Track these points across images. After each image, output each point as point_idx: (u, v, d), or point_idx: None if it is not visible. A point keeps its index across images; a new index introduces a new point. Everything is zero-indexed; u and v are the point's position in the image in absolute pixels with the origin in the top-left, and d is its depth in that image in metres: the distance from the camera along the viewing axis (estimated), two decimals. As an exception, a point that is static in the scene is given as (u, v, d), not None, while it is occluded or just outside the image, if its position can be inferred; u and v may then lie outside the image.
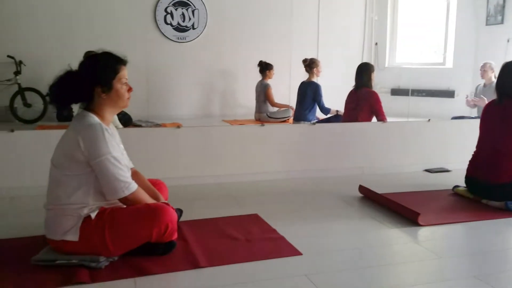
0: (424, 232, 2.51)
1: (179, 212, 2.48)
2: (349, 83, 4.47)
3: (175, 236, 2.10)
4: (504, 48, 6.27)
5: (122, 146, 2.19)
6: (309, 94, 5.31)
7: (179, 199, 2.94)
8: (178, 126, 3.52)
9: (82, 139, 1.93)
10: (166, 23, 6.37)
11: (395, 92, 7.20)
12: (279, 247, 2.24)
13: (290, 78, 6.45)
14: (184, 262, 2.03)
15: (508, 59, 3.17)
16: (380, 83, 7.25)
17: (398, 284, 1.93)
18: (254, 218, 2.66)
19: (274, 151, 3.67)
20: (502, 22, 6.47)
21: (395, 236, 2.45)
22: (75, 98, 2.06)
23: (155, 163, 3.34)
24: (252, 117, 6.15)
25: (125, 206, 2.04)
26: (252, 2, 6.64)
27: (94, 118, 2.00)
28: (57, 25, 5.91)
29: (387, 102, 6.68)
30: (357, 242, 2.37)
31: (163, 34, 6.38)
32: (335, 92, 5.30)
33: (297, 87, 5.48)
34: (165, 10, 6.35)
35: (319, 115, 5.45)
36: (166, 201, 2.24)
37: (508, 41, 6.33)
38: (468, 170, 3.11)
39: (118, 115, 4.16)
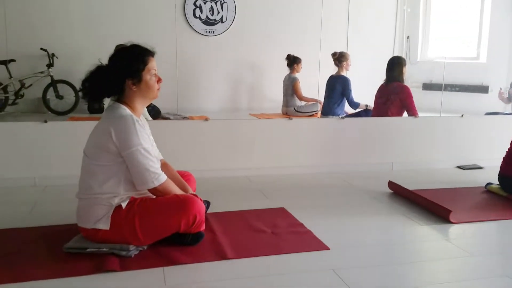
0: (456, 229, 2.45)
1: (207, 203, 2.50)
2: (380, 77, 4.38)
3: (203, 227, 2.12)
4: (542, 41, 6.03)
5: (152, 137, 2.22)
6: (338, 88, 5.24)
7: (207, 191, 2.96)
8: (206, 119, 3.54)
9: (114, 130, 1.96)
10: (195, 17, 6.40)
11: (427, 86, 7.03)
12: (306, 241, 2.22)
13: (318, 72, 6.38)
14: (211, 253, 2.04)
15: None
16: (411, 78, 7.09)
17: (429, 281, 1.89)
18: (281, 212, 2.65)
19: (302, 145, 3.65)
20: (541, 14, 6.22)
21: (426, 233, 2.40)
22: (107, 92, 2.10)
23: (184, 155, 3.37)
24: (280, 111, 6.12)
25: (154, 197, 2.06)
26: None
27: (126, 110, 2.03)
28: (88, 18, 6.03)
29: (419, 97, 6.53)
30: (386, 238, 2.33)
31: (192, 27, 6.41)
32: (365, 86, 5.22)
33: (326, 81, 5.42)
34: (194, 3, 6.37)
35: (348, 109, 5.38)
36: (194, 193, 2.26)
37: (545, 34, 6.08)
38: (501, 167, 3.01)
39: (147, 107, 4.22)
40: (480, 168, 3.77)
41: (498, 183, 3.06)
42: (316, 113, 5.82)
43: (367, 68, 6.16)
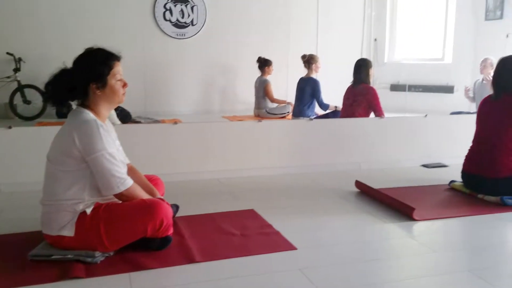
0: (419, 226, 2.52)
1: (175, 207, 2.50)
2: (348, 79, 4.48)
3: (171, 231, 2.12)
4: (503, 43, 6.26)
5: (118, 142, 2.20)
6: (308, 90, 5.32)
7: (176, 194, 2.96)
8: (176, 122, 3.53)
9: (77, 135, 1.94)
10: (165, 20, 6.38)
11: (395, 87, 7.21)
12: (275, 242, 2.25)
13: (287, 74, 6.45)
14: (179, 257, 2.04)
15: (507, 54, 3.16)
16: (379, 79, 7.26)
17: (393, 278, 1.94)
18: (251, 213, 2.67)
19: (272, 146, 3.68)
20: (501, 17, 6.46)
21: (390, 231, 2.46)
22: (70, 95, 2.08)
23: (154, 159, 3.36)
24: (252, 113, 6.16)
25: (120, 202, 2.05)
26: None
27: (89, 115, 2.01)
28: (56, 22, 5.93)
29: (387, 98, 6.69)
30: (352, 237, 2.38)
31: (162, 30, 6.39)
32: (334, 88, 5.32)
33: (296, 83, 5.49)
34: (164, 6, 6.36)
35: (318, 111, 5.46)
36: (161, 197, 2.25)
37: (507, 36, 6.32)
38: (464, 165, 3.11)
39: (115, 111, 4.18)
40: (444, 166, 3.88)
41: (461, 180, 3.17)
42: (288, 115, 5.89)
43: (337, 70, 6.28)
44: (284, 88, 6.47)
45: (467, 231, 2.53)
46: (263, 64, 6.02)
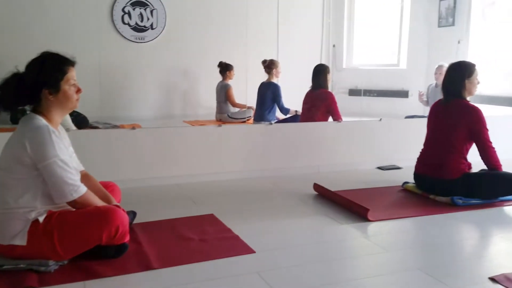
0: (373, 227, 2.60)
1: (132, 214, 2.47)
2: (308, 84, 4.57)
3: (127, 238, 2.09)
4: (455, 49, 6.55)
5: (71, 148, 2.16)
6: (268, 94, 5.38)
7: (135, 201, 2.93)
8: (134, 127, 3.49)
9: (28, 142, 1.89)
10: (124, 23, 6.29)
11: (353, 92, 7.39)
12: (233, 246, 2.27)
13: (246, 79, 6.49)
14: (136, 264, 2.02)
15: (459, 60, 3.32)
16: (338, 84, 7.43)
17: (347, 278, 1.99)
18: (210, 218, 2.68)
19: (233, 151, 3.70)
20: (453, 24, 6.75)
21: (346, 232, 2.53)
22: (22, 100, 2.03)
23: (111, 165, 3.31)
24: (214, 117, 6.16)
25: (74, 210, 2.01)
26: (210, 3, 6.64)
27: (41, 121, 1.97)
28: (10, 24, 5.73)
29: (345, 102, 6.86)
30: (309, 239, 2.44)
31: (121, 34, 6.29)
32: (295, 93, 5.39)
33: (256, 88, 5.54)
34: (123, 10, 6.26)
35: (279, 115, 5.53)
36: (117, 204, 2.23)
37: (459, 42, 6.61)
38: (416, 167, 3.24)
39: (70, 116, 4.09)
40: (398, 168, 4.02)
41: (414, 182, 3.29)
42: (249, 119, 5.92)
43: (297, 75, 6.37)
44: (244, 92, 6.51)
45: (418, 230, 2.63)
46: (224, 68, 6.04)
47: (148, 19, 6.39)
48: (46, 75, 1.99)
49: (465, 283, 1.92)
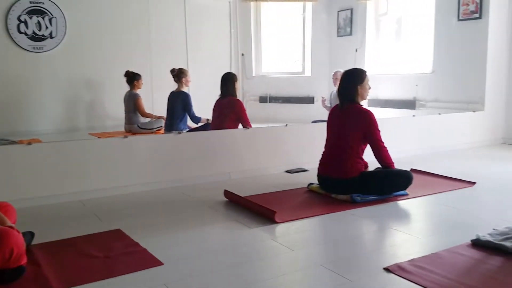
0: (280, 228, 2.70)
1: (30, 235, 2.32)
2: (219, 92, 4.61)
3: (24, 260, 1.97)
4: (353, 57, 7.02)
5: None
6: (179, 104, 5.34)
7: (34, 221, 2.76)
8: (30, 143, 3.28)
9: None
10: (20, 32, 5.89)
11: (263, 99, 7.60)
12: (140, 260, 2.22)
13: (152, 88, 6.39)
14: (34, 287, 1.91)
15: (357, 67, 3.55)
16: (249, 91, 7.61)
17: (256, 279, 2.04)
18: (116, 234, 2.60)
19: (141, 163, 3.63)
20: (350, 33, 7.25)
21: (254, 235, 2.59)
22: None
23: (7, 184, 3.08)
24: (123, 128, 5.97)
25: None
26: (113, 11, 6.45)
27: None
28: None
29: (256, 109, 7.04)
30: (219, 245, 2.46)
31: (16, 44, 5.88)
32: (206, 101, 5.41)
33: (165, 97, 5.48)
34: (18, 18, 5.86)
35: (191, 124, 5.51)
36: (11, 225, 2.08)
37: (356, 50, 7.11)
38: (318, 168, 3.42)
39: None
40: (305, 170, 4.21)
41: (317, 182, 3.47)
42: (160, 129, 5.83)
43: (208, 83, 6.41)
44: (150, 102, 6.38)
45: (321, 228, 2.78)
46: (132, 78, 5.88)
47: (46, 27, 6.04)
48: None
49: (363, 275, 2.06)
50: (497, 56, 5.54)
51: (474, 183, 3.64)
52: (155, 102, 5.94)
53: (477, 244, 2.34)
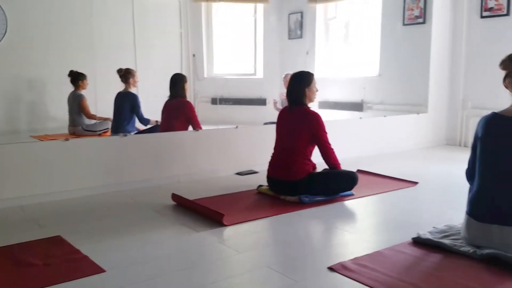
0: (229, 231, 2.68)
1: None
2: (169, 94, 4.53)
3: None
4: (304, 59, 7.13)
5: None
6: (126, 105, 5.20)
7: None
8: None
9: None
10: (-47, 28, 5.53)
11: (215, 101, 7.56)
12: (81, 267, 2.14)
13: (95, 88, 6.19)
14: (-39, 301, 1.79)
15: (308, 70, 3.59)
16: (200, 93, 7.54)
17: (202, 283, 2.01)
18: (56, 240, 2.49)
19: (84, 166, 3.49)
20: (301, 36, 7.35)
21: (202, 239, 2.56)
22: None
23: None
24: (67, 131, 5.73)
25: None
26: (56, 8, 6.19)
27: None
28: None
29: (208, 111, 6.99)
30: (165, 251, 2.41)
31: (-51, 41, 5.51)
32: (156, 103, 5.29)
33: (112, 98, 5.32)
34: (-49, 13, 5.50)
35: (140, 126, 5.38)
36: None
37: (307, 53, 7.21)
38: (268, 170, 3.43)
39: None
40: (255, 172, 4.21)
41: (267, 184, 3.48)
42: (107, 131, 5.65)
43: (157, 84, 6.27)
44: (105, 102, 6.18)
45: (269, 230, 2.79)
46: (76, 78, 5.66)
47: (-17, 24, 5.71)
48: None
49: (308, 275, 2.08)
50: (440, 59, 5.79)
51: (416, 183, 3.78)
52: (99, 103, 5.76)
53: (418, 242, 2.43)
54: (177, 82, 4.48)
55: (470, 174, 2.40)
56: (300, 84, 3.35)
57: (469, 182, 2.40)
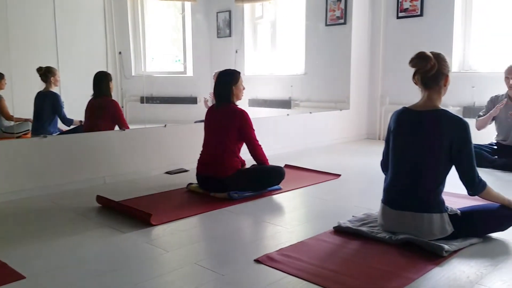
0: (157, 231, 2.67)
1: None
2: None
3: None
4: (233, 58, 7.19)
5: None
6: (47, 105, 4.96)
7: None
8: None
9: None
10: None
11: (145, 99, 7.40)
12: (-2, 276, 2.03)
13: (11, 88, 5.86)
14: None
15: (237, 68, 3.63)
16: (128, 91, 7.35)
17: (129, 283, 1.99)
18: (-31, 249, 2.34)
19: (3, 170, 3.29)
20: (230, 35, 7.40)
21: (128, 240, 2.52)
22: None
23: None
24: (-17, 133, 5.36)
25: None
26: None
27: None
28: None
29: (137, 110, 6.84)
30: (89, 254, 2.35)
31: None
32: (80, 102, 5.09)
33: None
34: None
35: (62, 126, 5.15)
36: None
37: (236, 51, 7.28)
38: (197, 168, 3.45)
39: None
40: (186, 171, 4.20)
41: (197, 182, 3.49)
42: (27, 133, 5.35)
43: (81, 83, 6.02)
44: (25, 102, 5.84)
45: (199, 227, 2.81)
46: (-9, 78, 5.31)
47: None
48: None
49: (235, 268, 2.13)
50: (360, 59, 6.11)
51: (339, 175, 3.98)
52: (19, 104, 5.44)
53: (339, 230, 2.57)
54: (101, 80, 4.36)
55: (384, 165, 2.58)
56: (227, 82, 3.40)
57: (384, 173, 2.58)
